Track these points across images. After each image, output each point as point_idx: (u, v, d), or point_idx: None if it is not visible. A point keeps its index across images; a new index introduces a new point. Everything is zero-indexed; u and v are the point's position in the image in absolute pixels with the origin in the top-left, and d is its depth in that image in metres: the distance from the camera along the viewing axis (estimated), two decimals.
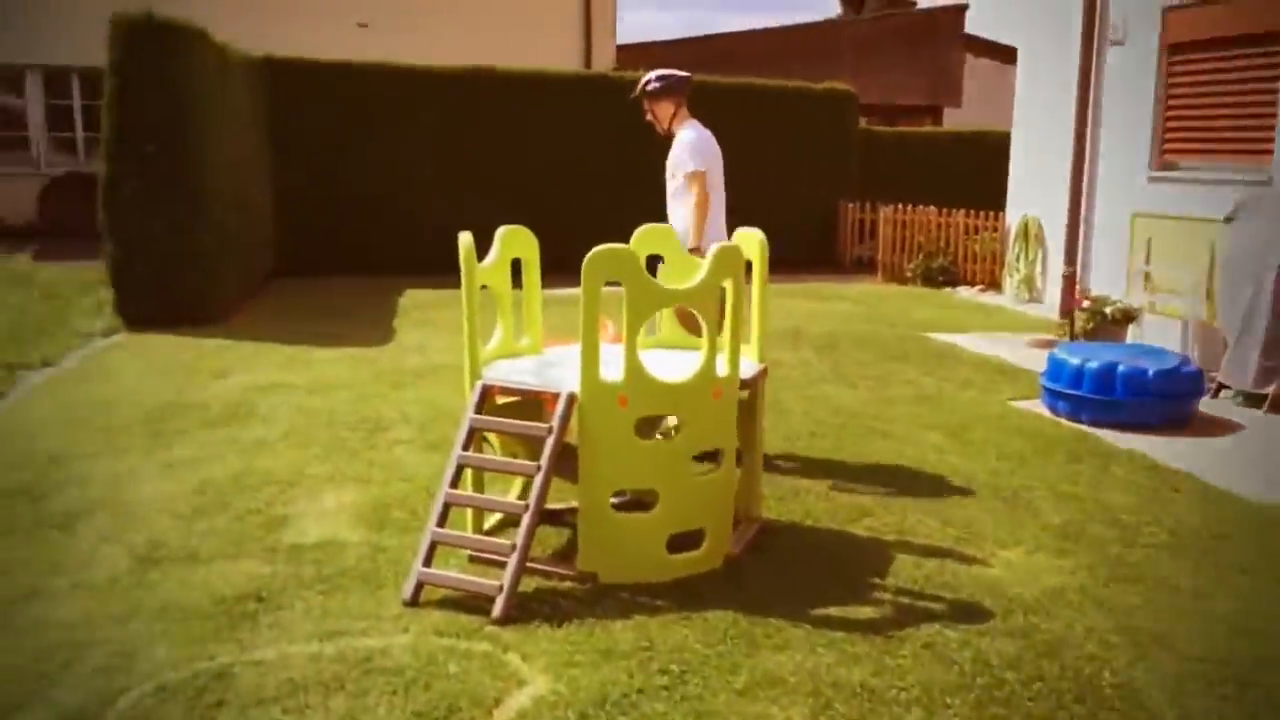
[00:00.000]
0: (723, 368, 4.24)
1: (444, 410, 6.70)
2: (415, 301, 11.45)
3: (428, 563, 3.99)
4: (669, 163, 5.90)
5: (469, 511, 4.42)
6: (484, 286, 4.55)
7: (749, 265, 4.55)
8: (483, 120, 13.94)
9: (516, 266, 4.84)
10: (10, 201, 16.71)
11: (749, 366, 4.63)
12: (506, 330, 4.82)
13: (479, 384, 4.26)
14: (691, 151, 5.73)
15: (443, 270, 13.24)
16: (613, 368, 4.05)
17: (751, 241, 4.68)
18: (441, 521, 4.07)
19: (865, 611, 3.92)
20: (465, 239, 4.37)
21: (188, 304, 9.33)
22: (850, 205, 15.86)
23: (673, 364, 4.39)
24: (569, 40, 18.97)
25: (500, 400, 4.35)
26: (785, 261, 11.17)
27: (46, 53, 16.85)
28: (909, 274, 14.34)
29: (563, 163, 14.14)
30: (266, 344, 8.74)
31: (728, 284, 4.26)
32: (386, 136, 13.55)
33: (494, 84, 14.03)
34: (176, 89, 9.06)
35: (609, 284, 3.89)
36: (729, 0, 73.58)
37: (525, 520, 3.92)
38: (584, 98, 14.17)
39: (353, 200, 13.43)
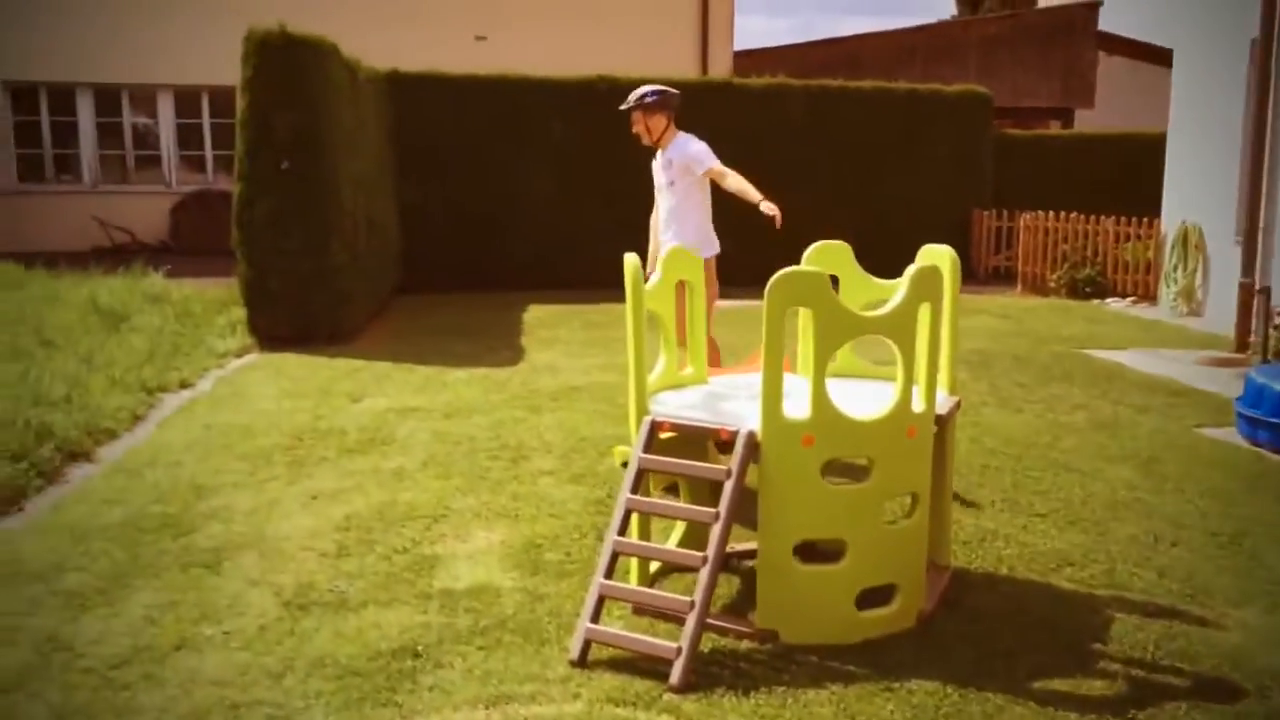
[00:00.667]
0: (917, 403, 3.80)
1: (585, 437, 6.40)
2: (539, 318, 11.23)
3: (595, 618, 3.65)
4: (665, 170, 6.30)
5: (633, 559, 4.07)
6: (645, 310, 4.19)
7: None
8: (603, 130, 13.67)
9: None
10: (143, 219, 17.10)
11: (941, 400, 4.18)
12: (670, 359, 4.47)
13: (647, 419, 3.91)
14: (705, 151, 6.23)
15: (564, 285, 13.16)
16: (794, 402, 3.66)
17: (943, 259, 4.23)
18: (609, 572, 3.73)
19: (1094, 686, 3.44)
20: (631, 261, 4.02)
21: (320, 323, 9.25)
22: (985, 213, 15.14)
23: (857, 397, 3.96)
24: (685, 47, 18.65)
25: (660, 435, 3.99)
26: None
27: (176, 73, 17.22)
28: (1052, 285, 13.59)
29: None
30: (398, 364, 8.58)
31: (925, 309, 3.83)
32: (506, 149, 13.41)
33: (614, 93, 13.74)
34: (309, 105, 8.98)
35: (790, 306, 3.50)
36: (836, 3, 72.45)
37: (704, 575, 3.54)
38: (704, 105, 13.79)
39: (474, 214, 13.32)
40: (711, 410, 4.05)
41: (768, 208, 5.95)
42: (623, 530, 3.79)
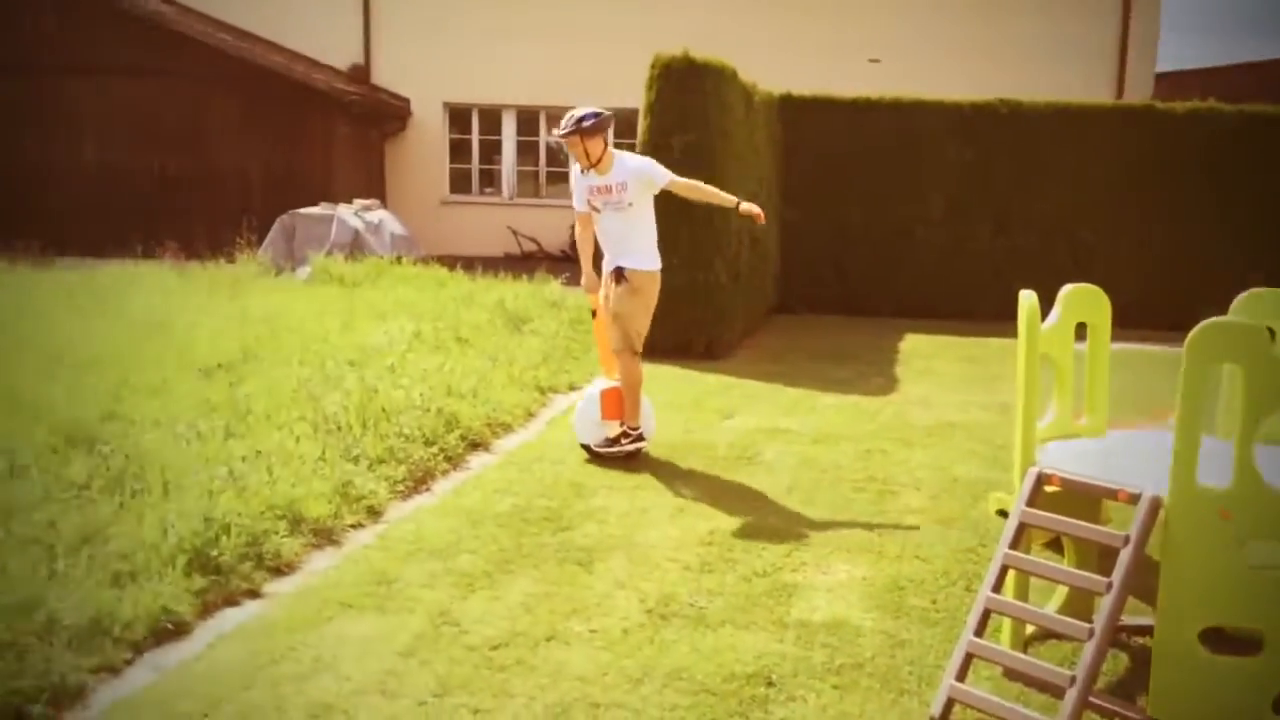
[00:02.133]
0: None
1: (957, 479, 6.10)
2: (916, 348, 10.89)
3: (961, 676, 3.43)
4: (617, 191, 6.10)
5: (1006, 618, 3.79)
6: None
7: None
8: (1000, 156, 13.06)
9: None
10: (549, 230, 18.53)
11: None
12: (1064, 407, 4.13)
13: (1033, 470, 3.63)
14: (658, 164, 6.23)
15: (945, 314, 12.70)
16: (1210, 468, 3.24)
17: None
18: (979, 630, 3.49)
19: None
20: (1028, 299, 3.76)
21: (697, 338, 9.53)
22: None
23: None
24: (1099, 68, 17.40)
25: (1047, 488, 3.68)
26: None
27: (588, 96, 18.47)
28: None
29: (1095, 203, 12.85)
30: (770, 384, 8.65)
31: None
32: (895, 173, 13.14)
33: (1014, 117, 13.10)
34: (704, 126, 9.30)
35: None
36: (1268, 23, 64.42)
37: (1090, 648, 3.22)
38: (1120, 131, 12.79)
39: (856, 238, 13.17)
40: (1107, 467, 3.69)
41: (747, 208, 6.14)
42: (997, 587, 3.54)
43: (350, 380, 6.96)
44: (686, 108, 9.28)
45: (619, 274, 6.20)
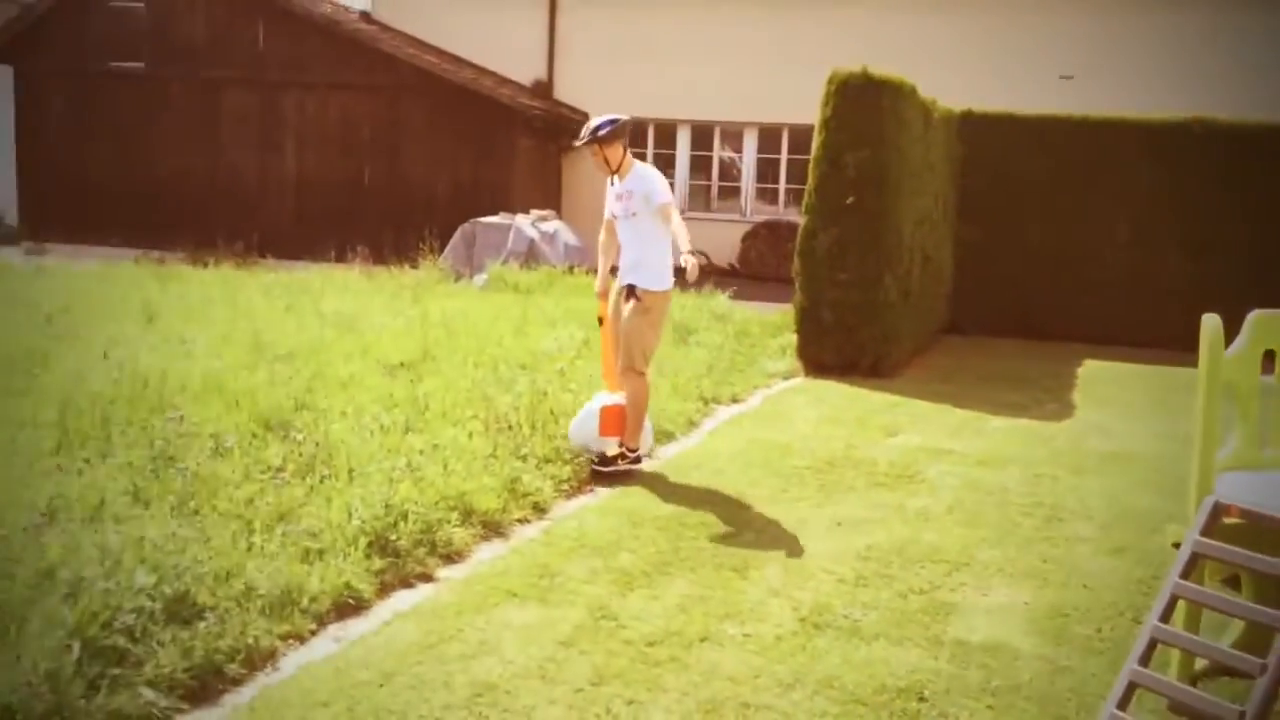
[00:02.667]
0: None
1: (1130, 509, 5.88)
2: (1095, 374, 10.49)
3: (1123, 705, 3.34)
4: (625, 200, 6.06)
5: (1174, 650, 3.66)
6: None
7: None
8: (1195, 177, 12.42)
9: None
10: (719, 245, 18.65)
11: None
12: (1248, 436, 3.95)
13: (1209, 499, 3.50)
14: (664, 184, 6.12)
15: (1128, 340, 12.15)
16: None
17: None
18: (1145, 659, 3.39)
19: None
20: (1211, 323, 3.63)
21: (864, 355, 9.46)
22: None
23: None
24: None
25: (1225, 519, 3.54)
26: None
27: (762, 112, 18.60)
28: None
29: None
30: (936, 404, 8.51)
31: None
32: (1079, 192, 12.68)
33: (1210, 137, 12.44)
34: (880, 144, 9.24)
35: None
36: None
37: (1261, 685, 3.08)
38: None
39: (1035, 258, 12.76)
40: None
41: (687, 259, 5.77)
42: (1166, 617, 3.42)
43: (522, 383, 7.25)
44: (862, 124, 9.25)
45: (631, 291, 6.06)
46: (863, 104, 9.26)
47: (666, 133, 19.47)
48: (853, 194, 9.25)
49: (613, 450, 6.06)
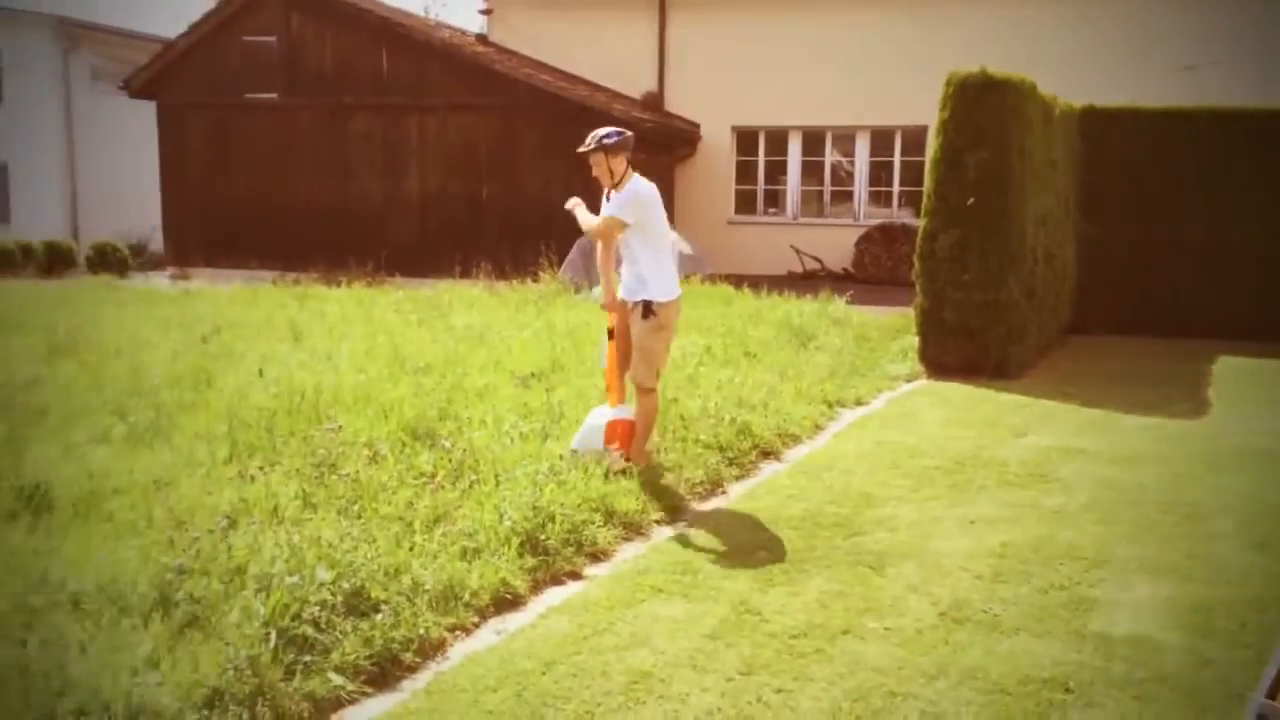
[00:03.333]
0: None
1: (1272, 505, 5.81)
2: (1229, 370, 10.22)
3: (1273, 695, 3.36)
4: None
5: None
6: None
7: None
8: None
9: None
10: (832, 249, 18.66)
11: None
12: None
13: None
14: (629, 200, 5.94)
15: (1260, 337, 11.74)
16: None
17: None
18: None
19: None
20: None
21: (989, 357, 9.43)
22: None
23: None
24: None
25: None
26: None
27: (874, 115, 18.54)
28: None
29: None
30: (1064, 404, 8.44)
31: None
32: (1205, 186, 12.33)
33: None
34: (1000, 144, 9.21)
35: None
36: None
37: None
38: None
39: (1160, 254, 12.44)
40: None
41: (600, 294, 6.14)
42: None
43: None
44: (981, 124, 9.23)
45: (646, 308, 5.91)
46: (982, 104, 9.24)
47: (777, 139, 19.56)
48: (973, 194, 9.24)
49: (618, 465, 5.80)
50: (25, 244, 18.92)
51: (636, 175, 6.06)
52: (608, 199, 6.07)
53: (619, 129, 6.05)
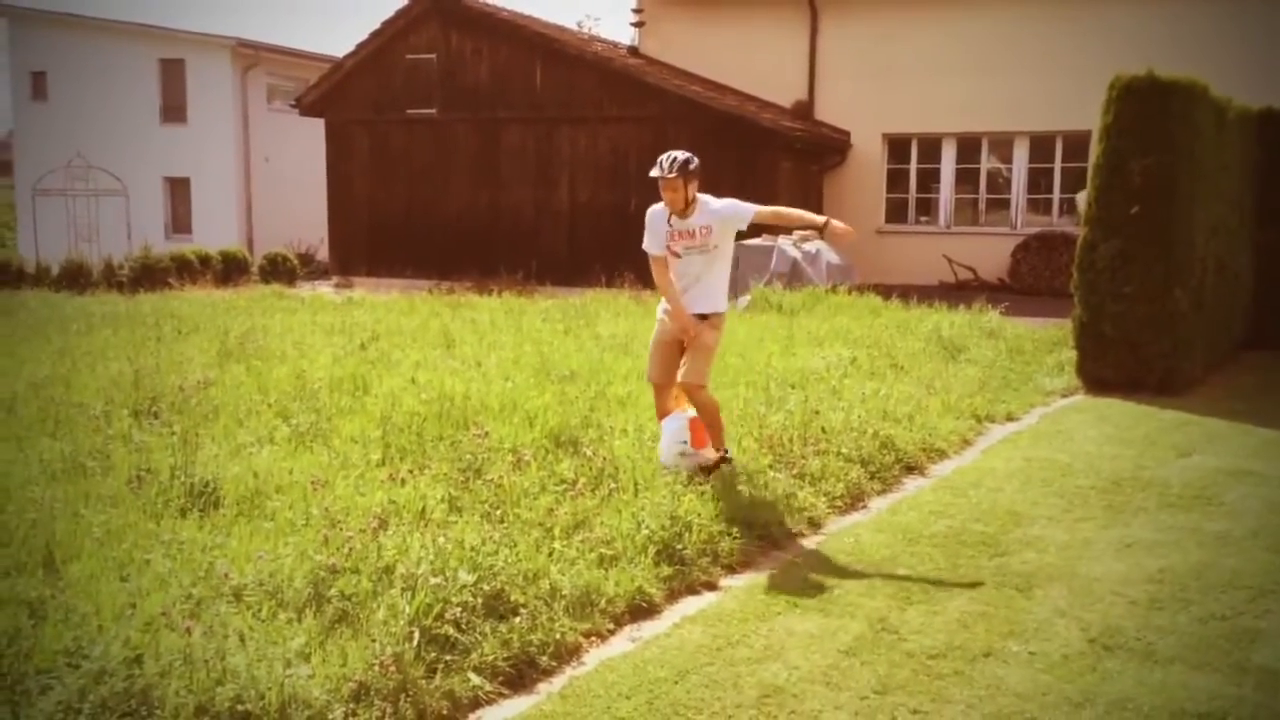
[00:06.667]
0: None
1: None
2: None
3: None
4: (702, 235, 5.92)
5: None
6: None
7: None
8: None
9: None
10: (986, 259, 18.14)
11: None
12: None
13: None
14: (735, 204, 5.98)
15: None
16: None
17: None
18: None
19: None
20: None
21: (1152, 372, 9.00)
22: None
23: None
24: None
25: None
26: None
27: (1033, 121, 17.94)
28: None
29: None
30: (1234, 423, 7.97)
31: None
32: None
33: None
34: (1168, 149, 8.78)
35: None
36: None
37: None
38: None
39: None
40: None
41: (837, 225, 5.91)
42: None
43: (792, 401, 7.42)
44: (1147, 129, 8.82)
45: (704, 317, 6.01)
46: (1148, 108, 8.83)
47: (930, 146, 19.15)
48: (1138, 202, 8.84)
49: (714, 456, 5.92)
50: (204, 254, 20.12)
51: (703, 196, 6.02)
52: (669, 220, 5.97)
53: (689, 153, 5.94)
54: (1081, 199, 8.17)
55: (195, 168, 25.36)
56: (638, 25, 20.71)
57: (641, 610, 4.46)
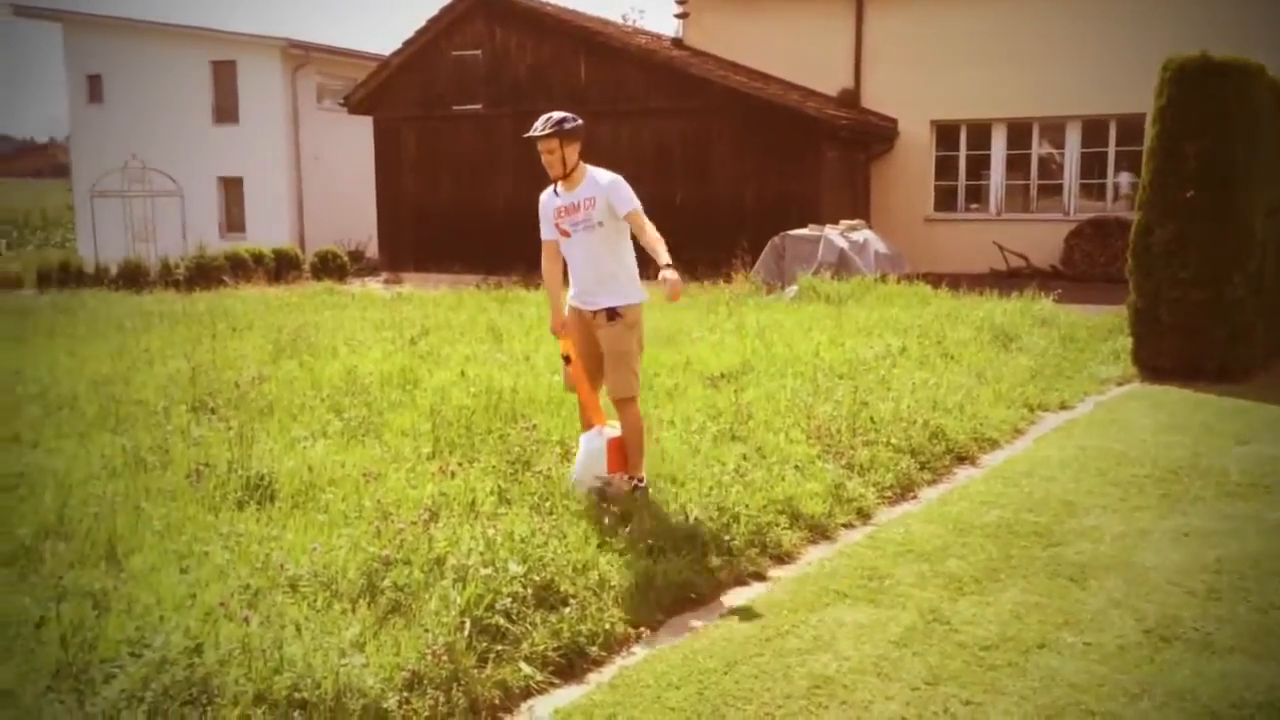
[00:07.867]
0: None
1: None
2: None
3: None
4: (584, 209, 5.39)
5: None
6: None
7: None
8: None
9: None
10: (1038, 245, 17.88)
11: None
12: None
13: None
14: (619, 182, 5.43)
15: None
16: None
17: None
18: None
19: None
20: None
21: (1209, 359, 8.83)
22: None
23: None
24: None
25: None
26: None
27: (1085, 104, 17.64)
28: None
29: None
30: None
31: None
32: None
33: None
34: (1223, 132, 8.60)
35: None
36: None
37: None
38: None
39: None
40: None
41: (667, 274, 5.03)
42: None
43: (840, 391, 7.38)
44: (1202, 112, 8.64)
45: (611, 313, 5.34)
46: (1203, 90, 8.66)
47: (980, 133, 18.91)
48: (1193, 187, 8.67)
49: (626, 488, 5.21)
50: (257, 252, 20.43)
51: (590, 166, 5.51)
52: (556, 193, 5.50)
53: (574, 115, 5.40)
54: (1125, 180, 8.10)
55: (247, 167, 25.73)
56: (682, 17, 20.67)
57: (690, 601, 4.47)
